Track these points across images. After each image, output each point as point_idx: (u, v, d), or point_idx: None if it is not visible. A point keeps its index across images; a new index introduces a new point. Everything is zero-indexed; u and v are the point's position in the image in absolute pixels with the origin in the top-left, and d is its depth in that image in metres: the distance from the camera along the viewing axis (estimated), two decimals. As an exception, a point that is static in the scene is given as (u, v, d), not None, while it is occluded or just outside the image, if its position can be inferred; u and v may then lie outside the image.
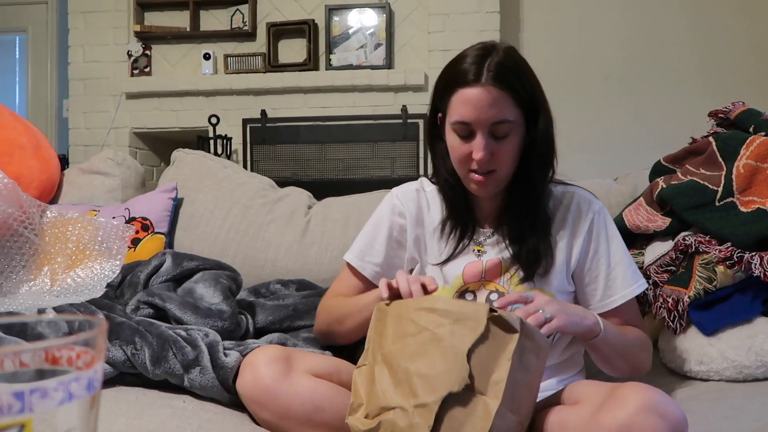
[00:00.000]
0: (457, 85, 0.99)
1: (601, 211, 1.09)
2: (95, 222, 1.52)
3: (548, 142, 1.04)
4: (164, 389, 1.03)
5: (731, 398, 1.07)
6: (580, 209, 1.08)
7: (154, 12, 3.67)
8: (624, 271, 1.07)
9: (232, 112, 3.49)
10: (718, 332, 1.20)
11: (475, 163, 1.00)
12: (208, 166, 1.83)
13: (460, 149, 1.01)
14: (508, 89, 0.97)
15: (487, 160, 0.99)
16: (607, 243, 1.07)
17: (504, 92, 0.97)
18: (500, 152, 1.00)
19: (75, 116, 3.66)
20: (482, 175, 1.01)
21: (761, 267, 1.17)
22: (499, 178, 1.03)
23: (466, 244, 1.09)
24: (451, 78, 1.01)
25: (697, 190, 1.30)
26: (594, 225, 1.07)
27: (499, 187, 1.05)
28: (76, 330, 0.36)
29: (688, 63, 3.55)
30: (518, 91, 0.98)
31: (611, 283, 1.07)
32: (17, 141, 1.73)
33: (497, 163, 1.00)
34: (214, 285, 1.28)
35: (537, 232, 1.05)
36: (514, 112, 0.98)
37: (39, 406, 0.31)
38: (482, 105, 0.96)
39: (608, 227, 1.09)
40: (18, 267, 1.43)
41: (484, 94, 0.96)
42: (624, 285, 1.07)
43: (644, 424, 0.70)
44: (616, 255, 1.08)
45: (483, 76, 0.96)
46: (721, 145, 1.33)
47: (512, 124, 0.99)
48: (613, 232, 1.10)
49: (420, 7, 3.48)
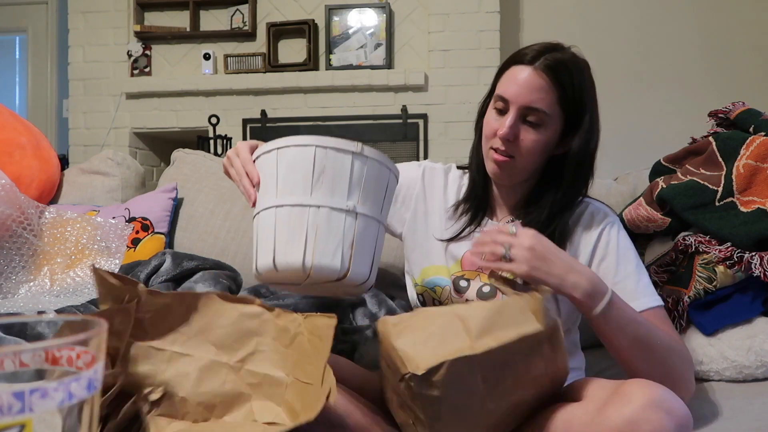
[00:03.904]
0: (512, 63, 1.00)
1: (613, 223, 1.04)
2: (94, 222, 1.52)
3: (584, 158, 1.00)
4: (164, 389, 1.02)
5: (731, 398, 1.07)
6: (592, 219, 1.04)
7: (154, 12, 3.67)
8: (634, 286, 0.98)
9: (232, 112, 3.49)
10: (718, 332, 1.20)
11: (498, 140, 0.99)
12: (208, 166, 1.83)
13: (490, 124, 1.01)
14: (556, 83, 0.96)
15: (510, 140, 0.98)
16: (616, 256, 1.01)
17: (550, 83, 0.96)
18: (525, 140, 0.98)
19: (75, 116, 3.66)
20: (501, 155, 1.00)
21: (761, 267, 1.17)
22: (516, 167, 1.01)
23: (473, 230, 1.08)
24: (511, 58, 1.02)
25: (697, 190, 1.30)
26: (602, 235, 1.02)
27: (514, 177, 1.03)
28: (76, 330, 0.36)
29: (688, 63, 3.55)
30: (566, 89, 0.97)
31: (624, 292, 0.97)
32: (17, 141, 1.73)
33: (518, 150, 0.99)
34: (214, 285, 1.28)
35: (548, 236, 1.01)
36: (553, 107, 0.97)
37: (39, 406, 0.31)
38: (524, 85, 0.97)
39: (619, 240, 1.03)
40: (17, 268, 1.43)
41: (531, 76, 0.97)
42: (631, 297, 0.96)
43: (650, 419, 0.69)
44: (625, 268, 1.00)
45: (538, 62, 0.97)
46: (721, 145, 1.33)
47: (546, 116, 0.97)
48: (624, 245, 1.02)
49: (420, 7, 3.48)
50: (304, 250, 0.80)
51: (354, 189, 0.84)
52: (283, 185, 0.84)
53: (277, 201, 0.84)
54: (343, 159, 0.84)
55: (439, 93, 3.42)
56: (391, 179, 0.91)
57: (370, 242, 0.86)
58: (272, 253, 0.82)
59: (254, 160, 0.92)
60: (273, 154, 0.86)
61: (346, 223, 0.82)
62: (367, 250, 0.85)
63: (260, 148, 0.90)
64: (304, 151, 0.83)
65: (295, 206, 0.82)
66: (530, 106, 0.97)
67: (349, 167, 0.84)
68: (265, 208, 0.86)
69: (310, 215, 0.81)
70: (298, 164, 0.83)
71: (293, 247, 0.81)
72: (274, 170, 0.85)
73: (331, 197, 0.82)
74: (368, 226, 0.85)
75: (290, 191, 0.83)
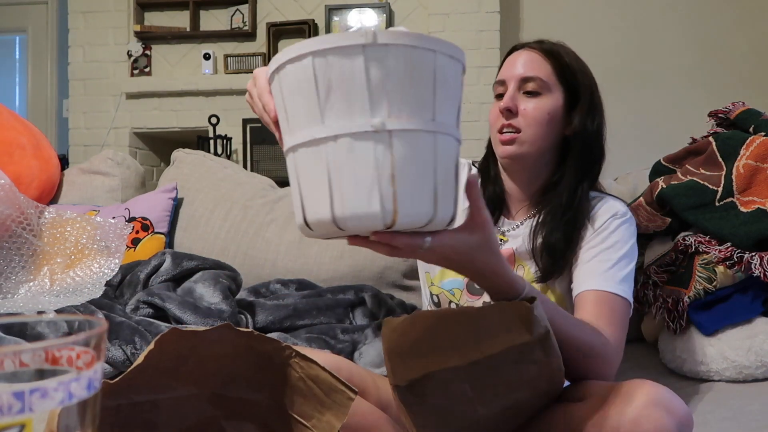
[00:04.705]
0: (507, 56, 1.06)
1: (623, 216, 1.00)
2: (93, 221, 1.53)
3: (590, 137, 1.01)
4: (164, 389, 1.03)
5: (731, 398, 1.07)
6: (602, 211, 1.01)
7: (154, 12, 3.67)
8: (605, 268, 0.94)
9: (232, 112, 3.49)
10: (717, 332, 1.20)
11: (501, 119, 1.01)
12: (208, 166, 1.83)
13: (493, 111, 1.04)
14: (549, 56, 1.01)
15: (511, 110, 1.00)
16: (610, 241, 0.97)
17: (544, 56, 1.01)
18: (527, 109, 1.00)
19: (75, 116, 3.66)
20: (507, 134, 1.01)
21: (761, 267, 1.17)
22: (523, 141, 1.00)
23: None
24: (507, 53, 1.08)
25: (697, 190, 1.30)
26: (606, 223, 0.99)
27: (525, 158, 1.02)
28: (76, 330, 0.36)
29: (688, 63, 3.55)
30: (560, 62, 1.01)
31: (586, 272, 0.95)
32: (17, 141, 1.73)
33: (522, 122, 1.00)
34: (214, 285, 1.28)
35: (563, 232, 0.98)
36: (549, 76, 1.01)
37: (39, 406, 0.31)
38: (518, 62, 1.02)
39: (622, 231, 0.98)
40: (17, 268, 1.43)
41: (524, 54, 1.03)
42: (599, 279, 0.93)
43: (651, 418, 0.70)
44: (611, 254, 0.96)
45: (530, 45, 1.04)
46: (721, 145, 1.33)
47: (543, 83, 1.00)
48: (624, 236, 0.98)
49: (420, 7, 3.48)
50: (330, 201, 0.61)
51: (379, 98, 0.61)
52: (292, 119, 0.64)
53: (292, 140, 0.65)
54: (352, 62, 0.60)
55: (439, 93, 3.41)
56: (440, 65, 0.63)
57: (422, 166, 0.63)
58: (301, 208, 0.64)
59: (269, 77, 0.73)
60: (275, 82, 0.66)
61: (376, 151, 0.60)
62: (422, 178, 0.62)
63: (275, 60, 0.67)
64: (300, 66, 0.62)
65: (307, 143, 0.62)
66: (526, 76, 1.00)
67: (363, 70, 0.60)
68: (285, 150, 0.69)
69: (328, 151, 0.61)
70: (298, 85, 0.63)
71: (318, 199, 0.62)
72: (281, 100, 0.66)
73: (349, 119, 0.61)
74: (415, 145, 0.62)
75: (299, 124, 0.63)
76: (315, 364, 0.68)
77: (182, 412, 0.70)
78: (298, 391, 0.70)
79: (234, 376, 0.71)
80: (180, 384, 0.69)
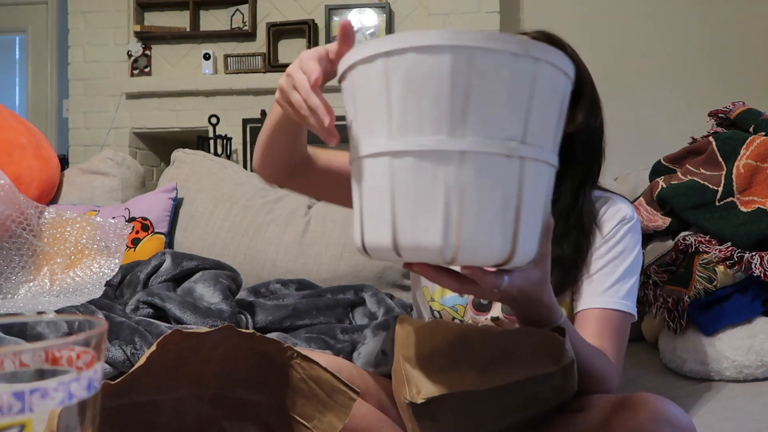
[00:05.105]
0: None
1: (629, 221, 0.97)
2: (93, 221, 1.53)
3: (591, 135, 0.96)
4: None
5: (731, 398, 1.07)
6: (608, 215, 0.97)
7: (154, 12, 3.67)
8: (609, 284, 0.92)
9: (232, 112, 3.49)
10: (718, 332, 1.20)
11: None
12: (208, 166, 1.83)
13: None
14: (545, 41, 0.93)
15: None
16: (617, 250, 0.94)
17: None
18: None
19: (75, 116, 3.66)
20: None
21: (761, 267, 1.17)
22: None
23: None
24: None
25: (697, 190, 1.30)
26: (614, 230, 0.96)
27: None
28: (76, 330, 0.36)
29: (688, 63, 3.55)
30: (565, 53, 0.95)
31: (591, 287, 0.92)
32: (17, 141, 1.73)
33: None
34: (214, 285, 1.28)
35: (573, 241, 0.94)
36: None
37: (39, 406, 0.31)
38: None
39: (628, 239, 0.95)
40: (17, 268, 1.43)
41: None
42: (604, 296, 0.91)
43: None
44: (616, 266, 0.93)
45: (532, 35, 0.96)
46: (721, 145, 1.33)
47: None
48: (630, 244, 0.95)
49: (420, 7, 3.48)
50: (444, 227, 0.53)
51: (517, 117, 0.53)
52: (401, 118, 0.54)
53: (393, 144, 0.55)
54: (499, 69, 0.52)
55: (439, 93, 3.42)
56: (566, 91, 0.58)
57: (540, 201, 0.57)
58: (390, 227, 0.55)
59: (340, 78, 0.63)
60: (378, 66, 0.55)
61: (508, 176, 0.53)
62: (537, 214, 0.57)
63: (351, 55, 0.58)
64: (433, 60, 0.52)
65: (426, 154, 0.53)
66: None
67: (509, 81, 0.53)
68: (370, 154, 0.57)
69: (452, 168, 0.53)
70: (424, 82, 0.53)
71: (425, 222, 0.54)
72: (383, 92, 0.55)
73: (484, 135, 0.52)
74: (539, 176, 0.56)
75: (415, 128, 0.54)
76: (316, 364, 0.68)
77: (183, 413, 0.70)
78: (300, 392, 0.70)
79: (235, 377, 0.71)
80: (181, 385, 0.69)
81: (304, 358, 0.68)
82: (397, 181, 0.55)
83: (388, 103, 0.55)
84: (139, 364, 0.63)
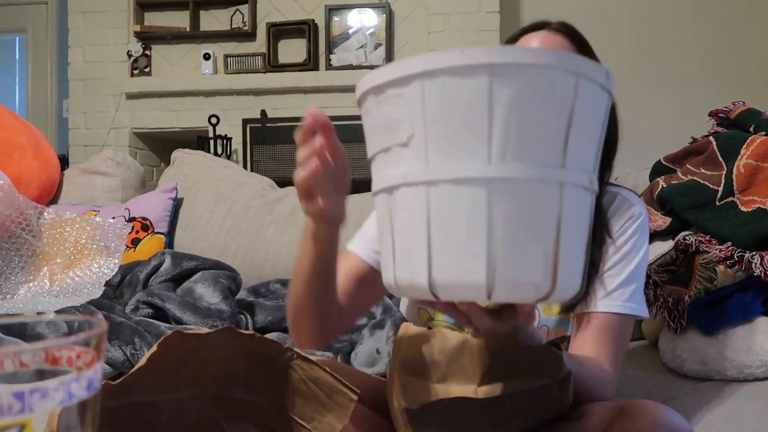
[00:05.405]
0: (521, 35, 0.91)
1: (637, 218, 0.93)
2: (92, 222, 1.52)
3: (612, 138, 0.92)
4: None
5: (732, 398, 1.07)
6: (618, 211, 0.94)
7: (154, 12, 3.67)
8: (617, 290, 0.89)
9: (232, 112, 3.49)
10: (718, 332, 1.20)
11: None
12: (208, 166, 1.83)
13: None
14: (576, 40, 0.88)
15: None
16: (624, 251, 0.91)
17: (570, 41, 0.88)
18: None
19: (75, 116, 3.66)
20: None
21: (761, 266, 1.17)
22: None
23: None
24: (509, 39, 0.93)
25: (697, 190, 1.30)
26: (622, 229, 0.93)
27: None
28: (76, 330, 0.36)
29: (688, 63, 3.55)
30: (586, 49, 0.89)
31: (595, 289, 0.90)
32: (17, 141, 1.73)
33: None
34: (214, 285, 1.28)
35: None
36: None
37: (39, 406, 0.31)
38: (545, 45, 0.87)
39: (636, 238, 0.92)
40: (17, 268, 1.43)
41: (548, 36, 0.87)
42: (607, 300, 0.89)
43: None
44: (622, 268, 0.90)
45: (549, 26, 0.90)
46: (722, 145, 1.33)
47: None
48: (637, 244, 0.92)
49: (420, 7, 3.48)
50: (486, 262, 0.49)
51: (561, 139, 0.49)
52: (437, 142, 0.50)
53: (429, 173, 0.50)
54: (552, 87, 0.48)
55: (439, 93, 3.42)
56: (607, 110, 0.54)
57: (582, 231, 0.52)
58: (426, 265, 0.51)
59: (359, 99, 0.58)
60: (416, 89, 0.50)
61: (549, 205, 0.49)
62: (579, 245, 0.52)
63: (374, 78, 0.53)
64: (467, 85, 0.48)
65: (465, 182, 0.49)
66: None
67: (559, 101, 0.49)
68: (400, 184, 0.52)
69: (493, 198, 0.48)
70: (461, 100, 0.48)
71: (462, 257, 0.50)
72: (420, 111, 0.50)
73: (526, 160, 0.48)
74: (582, 204, 0.52)
75: (454, 153, 0.49)
76: (316, 365, 0.68)
77: (183, 413, 0.70)
78: (299, 393, 0.70)
79: (235, 377, 0.71)
80: (181, 385, 0.69)
81: (303, 358, 0.68)
82: (433, 213, 0.50)
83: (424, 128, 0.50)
84: (140, 364, 0.63)
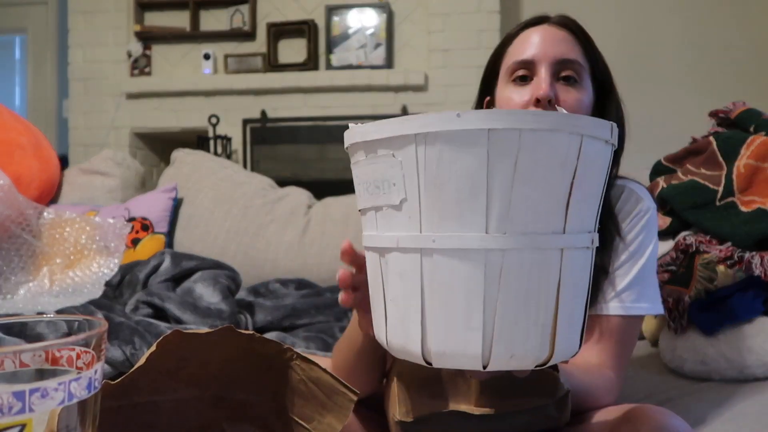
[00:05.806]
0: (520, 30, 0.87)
1: (645, 213, 0.90)
2: (92, 222, 1.52)
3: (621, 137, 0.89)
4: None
5: (732, 399, 1.07)
6: (626, 206, 0.91)
7: (154, 12, 3.67)
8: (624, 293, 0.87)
9: (232, 112, 3.49)
10: (718, 332, 1.20)
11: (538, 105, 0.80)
12: (207, 166, 1.83)
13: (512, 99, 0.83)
14: (579, 33, 0.86)
15: (551, 100, 0.79)
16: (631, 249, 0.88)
17: (573, 35, 0.85)
18: (568, 100, 0.81)
19: (75, 116, 3.66)
20: None
21: (762, 267, 1.17)
22: None
23: None
24: (508, 35, 0.89)
25: (697, 190, 1.30)
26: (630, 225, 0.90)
27: None
28: (76, 330, 0.36)
29: (688, 63, 3.55)
30: (588, 43, 0.86)
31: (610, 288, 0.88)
32: (17, 141, 1.73)
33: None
34: (214, 284, 1.28)
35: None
36: (583, 60, 0.84)
37: (39, 406, 0.31)
38: (548, 39, 0.83)
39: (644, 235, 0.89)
40: (17, 269, 1.43)
41: (550, 30, 0.84)
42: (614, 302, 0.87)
43: None
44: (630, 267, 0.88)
45: (549, 20, 0.86)
46: (722, 145, 1.33)
47: (581, 68, 0.83)
48: (645, 241, 0.89)
49: (420, 7, 3.48)
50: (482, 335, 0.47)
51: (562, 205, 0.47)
52: (431, 210, 0.47)
53: (423, 241, 0.48)
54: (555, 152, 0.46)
55: (439, 93, 3.42)
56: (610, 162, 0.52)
57: (582, 289, 0.51)
58: (420, 333, 0.49)
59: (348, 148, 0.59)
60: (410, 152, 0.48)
61: (549, 274, 0.47)
62: (579, 304, 0.51)
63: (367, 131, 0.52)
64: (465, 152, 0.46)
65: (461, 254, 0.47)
66: (563, 58, 0.82)
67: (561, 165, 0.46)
68: (392, 248, 0.50)
69: (490, 270, 0.46)
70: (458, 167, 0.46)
71: (457, 329, 0.48)
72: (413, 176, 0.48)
73: (526, 230, 0.46)
74: (582, 264, 0.50)
75: (450, 222, 0.47)
76: (316, 366, 0.68)
77: (183, 414, 0.70)
78: (299, 393, 0.70)
79: (235, 378, 0.71)
80: (181, 386, 0.69)
81: (303, 359, 0.68)
82: (426, 282, 0.48)
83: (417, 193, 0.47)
84: (139, 364, 0.63)
